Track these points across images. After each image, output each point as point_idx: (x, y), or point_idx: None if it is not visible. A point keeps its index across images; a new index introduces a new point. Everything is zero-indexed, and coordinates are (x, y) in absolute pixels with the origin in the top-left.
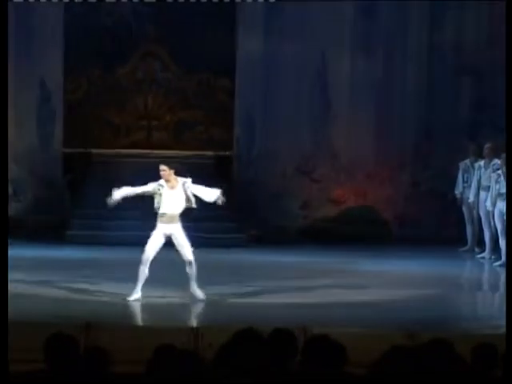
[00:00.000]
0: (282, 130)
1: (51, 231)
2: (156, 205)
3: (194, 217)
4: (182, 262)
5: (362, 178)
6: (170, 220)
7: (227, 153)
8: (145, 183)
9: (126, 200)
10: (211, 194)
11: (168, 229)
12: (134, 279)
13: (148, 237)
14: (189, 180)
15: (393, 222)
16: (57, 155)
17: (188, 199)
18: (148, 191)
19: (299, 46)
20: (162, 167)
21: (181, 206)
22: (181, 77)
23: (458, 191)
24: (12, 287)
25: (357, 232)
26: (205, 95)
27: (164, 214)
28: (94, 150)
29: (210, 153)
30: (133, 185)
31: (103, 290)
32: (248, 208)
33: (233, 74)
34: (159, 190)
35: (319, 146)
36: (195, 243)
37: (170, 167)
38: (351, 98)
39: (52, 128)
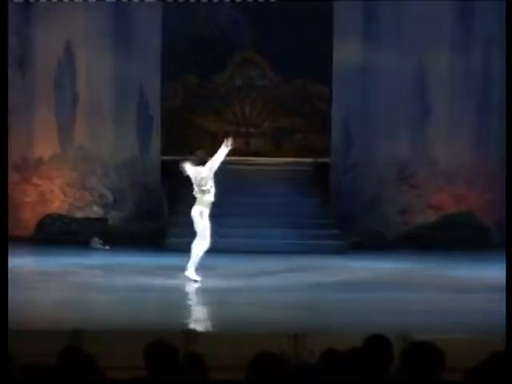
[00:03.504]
0: (380, 136)
1: (151, 239)
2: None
3: (296, 224)
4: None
5: (461, 184)
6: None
7: (325, 159)
8: (241, 190)
9: (225, 207)
10: (222, 151)
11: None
12: (232, 286)
13: (247, 244)
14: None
15: (493, 227)
16: (156, 163)
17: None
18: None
19: (396, 51)
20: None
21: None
22: (278, 84)
23: None
24: (112, 295)
25: (456, 238)
26: (302, 102)
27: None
28: (191, 158)
29: (308, 159)
30: (231, 192)
31: (202, 296)
32: (347, 214)
33: (330, 80)
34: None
35: (418, 151)
36: (297, 250)
37: None
38: (450, 101)
39: (150, 136)
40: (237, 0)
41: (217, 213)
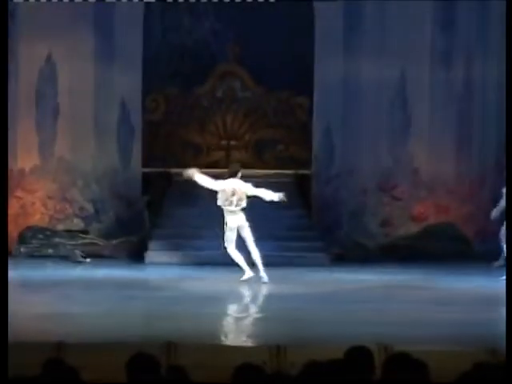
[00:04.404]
0: (361, 148)
1: (132, 251)
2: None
3: (277, 236)
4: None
5: (442, 195)
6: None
7: (307, 171)
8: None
9: (205, 220)
10: (267, 194)
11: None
12: (214, 298)
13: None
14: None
15: (474, 238)
16: (137, 175)
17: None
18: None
19: (378, 63)
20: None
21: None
22: (260, 95)
23: None
24: (95, 308)
25: (438, 249)
26: (284, 114)
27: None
28: (173, 170)
29: (289, 171)
30: (211, 205)
31: (184, 309)
32: (329, 226)
33: (311, 92)
34: None
35: (399, 162)
36: (279, 262)
37: None
38: (431, 113)
39: (131, 148)
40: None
41: (198, 225)
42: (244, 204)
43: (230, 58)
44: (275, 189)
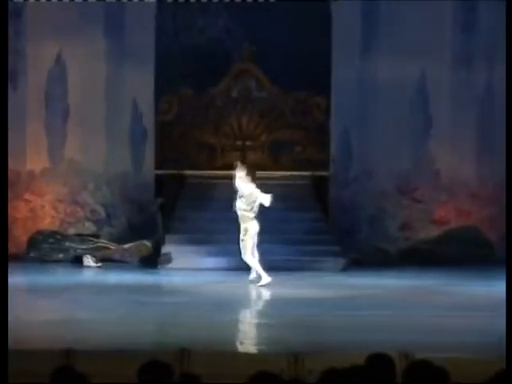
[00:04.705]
0: (381, 149)
1: (145, 256)
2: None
3: (294, 240)
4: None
5: (464, 198)
6: (239, 219)
7: (324, 173)
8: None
9: (219, 223)
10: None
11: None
12: (229, 304)
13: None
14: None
15: (497, 242)
16: (149, 177)
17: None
18: None
19: (396, 62)
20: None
21: (239, 206)
22: (276, 95)
23: None
24: (104, 314)
25: (460, 253)
26: (301, 114)
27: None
28: (187, 172)
29: (306, 173)
30: (225, 208)
31: (198, 315)
32: (346, 230)
33: (329, 92)
34: None
35: (420, 164)
36: (295, 267)
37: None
38: (452, 114)
39: (144, 149)
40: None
41: (212, 229)
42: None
43: (245, 57)
44: (291, 191)
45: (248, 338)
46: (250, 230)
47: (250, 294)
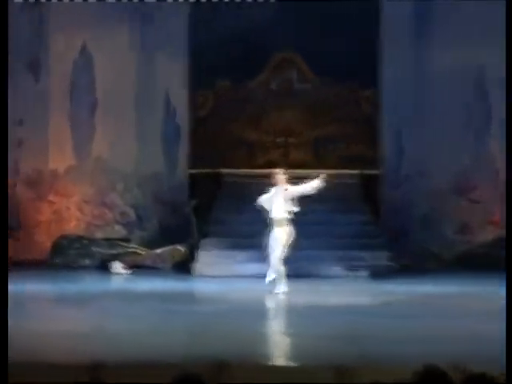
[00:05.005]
0: (435, 145)
1: (178, 262)
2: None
3: (341, 244)
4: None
5: None
6: (277, 224)
7: (374, 171)
8: None
9: (258, 227)
10: (312, 186)
11: (276, 231)
12: (267, 313)
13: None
14: (288, 186)
15: None
16: (183, 177)
17: (283, 205)
18: (271, 199)
19: (452, 52)
20: (277, 171)
21: (282, 210)
22: (320, 87)
23: None
24: (134, 324)
25: None
26: (348, 108)
27: (272, 218)
28: (223, 171)
29: (354, 172)
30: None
31: (234, 325)
32: (398, 233)
33: (378, 84)
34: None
35: (478, 162)
36: (340, 273)
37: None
38: None
39: (177, 147)
40: None
41: (251, 233)
42: None
43: (286, 46)
44: (338, 191)
45: (289, 349)
46: (287, 235)
47: (290, 303)
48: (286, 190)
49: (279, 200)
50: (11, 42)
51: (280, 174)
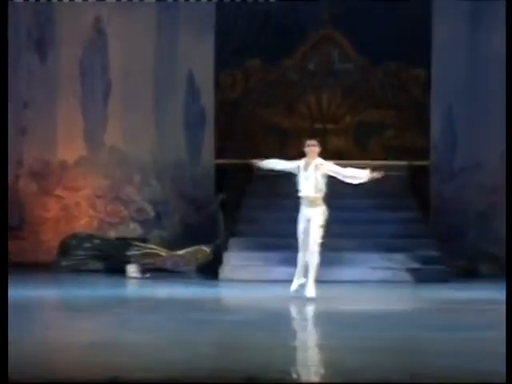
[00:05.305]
0: (493, 133)
1: (203, 265)
2: (298, 187)
3: (386, 245)
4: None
5: None
6: (310, 204)
7: (423, 163)
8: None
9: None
10: (357, 175)
11: (308, 212)
12: (302, 322)
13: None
14: (324, 161)
15: None
16: (208, 169)
17: (317, 182)
18: (291, 168)
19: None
20: (313, 142)
21: (316, 188)
22: (364, 68)
23: None
24: (154, 335)
25: None
26: (394, 91)
27: (302, 197)
28: (254, 161)
29: (401, 163)
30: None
31: (265, 336)
32: (450, 232)
33: (428, 64)
34: (298, 170)
35: None
36: (386, 277)
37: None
38: None
39: (202, 134)
40: None
41: (286, 232)
42: None
43: (325, 22)
44: (383, 185)
45: (328, 364)
46: (323, 215)
47: (327, 311)
48: (322, 164)
49: (311, 176)
50: (15, 18)
51: (314, 146)
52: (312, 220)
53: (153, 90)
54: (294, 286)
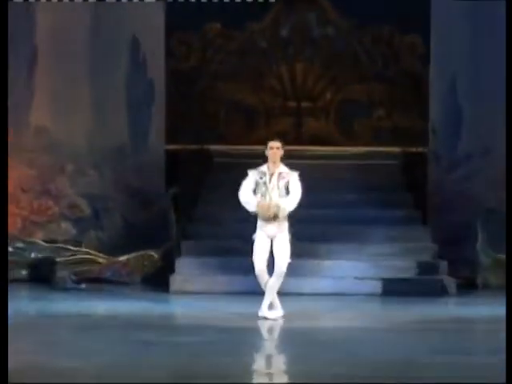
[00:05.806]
0: (503, 115)
1: (150, 273)
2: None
3: (375, 250)
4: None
5: None
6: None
7: (420, 149)
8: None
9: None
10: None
11: (270, 229)
12: (272, 344)
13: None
14: (289, 171)
15: None
16: (158, 155)
17: (281, 193)
18: (253, 186)
19: None
20: (277, 144)
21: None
22: (348, 33)
23: None
24: (91, 359)
25: None
26: (385, 61)
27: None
28: (213, 147)
29: (393, 149)
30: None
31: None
32: (453, 234)
33: (426, 29)
34: (262, 178)
35: None
36: (381, 290)
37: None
38: None
39: (149, 114)
40: None
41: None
42: None
43: None
44: (371, 176)
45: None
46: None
47: (303, 331)
48: (288, 173)
49: (274, 186)
50: None
51: (278, 149)
52: (277, 237)
53: (89, 60)
54: (276, 314)
